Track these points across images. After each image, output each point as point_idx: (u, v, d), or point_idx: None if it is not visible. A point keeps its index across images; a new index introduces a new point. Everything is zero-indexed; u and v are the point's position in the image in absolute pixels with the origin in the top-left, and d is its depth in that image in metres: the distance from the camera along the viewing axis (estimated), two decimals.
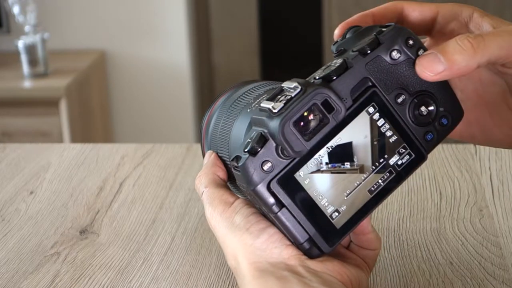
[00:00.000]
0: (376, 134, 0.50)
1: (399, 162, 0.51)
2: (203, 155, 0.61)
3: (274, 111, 0.48)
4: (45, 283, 0.65)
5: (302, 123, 0.48)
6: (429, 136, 0.52)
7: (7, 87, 2.21)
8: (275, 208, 0.49)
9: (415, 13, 0.54)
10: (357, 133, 0.50)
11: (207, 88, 2.79)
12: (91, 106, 2.38)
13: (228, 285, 0.63)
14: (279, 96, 0.49)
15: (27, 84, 2.21)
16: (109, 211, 0.78)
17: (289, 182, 0.49)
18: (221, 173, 0.57)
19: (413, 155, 0.51)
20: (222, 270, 0.65)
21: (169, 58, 2.50)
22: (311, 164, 0.49)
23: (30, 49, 2.20)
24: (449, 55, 0.48)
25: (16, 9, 2.23)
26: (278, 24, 2.96)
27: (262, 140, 0.49)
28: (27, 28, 2.22)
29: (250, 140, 0.49)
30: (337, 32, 0.55)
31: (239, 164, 0.49)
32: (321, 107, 0.48)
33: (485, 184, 0.79)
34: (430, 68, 0.49)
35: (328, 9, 2.73)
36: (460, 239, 0.69)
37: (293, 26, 2.96)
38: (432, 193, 0.78)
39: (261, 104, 0.50)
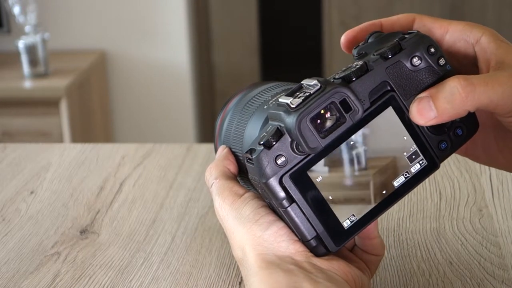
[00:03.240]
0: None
1: (412, 168, 0.51)
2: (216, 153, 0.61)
3: (292, 106, 0.48)
4: (46, 283, 0.65)
5: (318, 120, 0.48)
6: (443, 145, 0.52)
7: (8, 87, 2.21)
8: (285, 203, 0.49)
9: (425, 29, 0.54)
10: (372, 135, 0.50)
11: (207, 88, 2.79)
12: (91, 106, 2.38)
13: (228, 285, 0.64)
14: (298, 93, 0.50)
15: (28, 84, 2.21)
16: (109, 211, 0.78)
17: (301, 178, 0.49)
18: (232, 167, 0.57)
19: (426, 163, 0.51)
20: (222, 270, 0.66)
21: (169, 58, 2.50)
22: (324, 163, 0.50)
23: (31, 49, 2.21)
24: (439, 103, 0.49)
25: (16, 9, 2.23)
26: (278, 24, 2.96)
27: (278, 134, 0.49)
28: (27, 28, 2.23)
29: (265, 134, 0.49)
30: (343, 40, 0.55)
31: (253, 156, 0.49)
32: (339, 106, 0.49)
33: (484, 184, 0.79)
34: (423, 115, 0.49)
35: (328, 9, 2.73)
36: (460, 239, 0.69)
37: (293, 26, 2.97)
38: (431, 193, 0.78)
39: (279, 100, 0.50)
